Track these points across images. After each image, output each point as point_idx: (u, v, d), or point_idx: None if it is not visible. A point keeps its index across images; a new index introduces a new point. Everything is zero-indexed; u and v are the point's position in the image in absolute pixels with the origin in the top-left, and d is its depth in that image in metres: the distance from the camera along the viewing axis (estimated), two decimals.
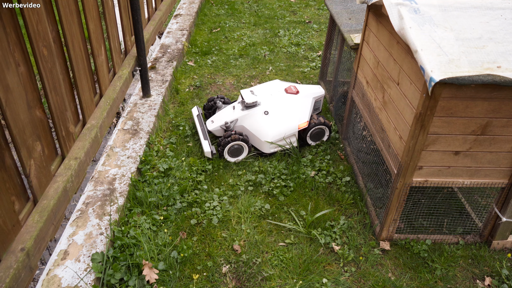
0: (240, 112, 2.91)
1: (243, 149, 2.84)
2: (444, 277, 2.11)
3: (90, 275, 1.95)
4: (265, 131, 2.82)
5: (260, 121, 2.86)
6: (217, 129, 2.94)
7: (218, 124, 2.93)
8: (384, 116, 2.23)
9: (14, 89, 1.65)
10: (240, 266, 2.13)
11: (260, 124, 2.85)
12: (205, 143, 2.83)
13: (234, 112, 2.94)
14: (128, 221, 2.31)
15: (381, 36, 2.28)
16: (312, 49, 4.64)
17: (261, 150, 2.90)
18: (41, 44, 1.86)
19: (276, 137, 2.83)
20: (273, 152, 2.91)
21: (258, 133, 2.84)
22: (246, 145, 2.83)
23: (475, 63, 1.68)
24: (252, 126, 2.87)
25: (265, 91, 3.06)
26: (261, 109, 2.89)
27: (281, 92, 3.05)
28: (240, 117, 2.90)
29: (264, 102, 2.94)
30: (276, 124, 2.84)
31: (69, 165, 2.14)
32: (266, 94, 3.02)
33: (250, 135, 2.89)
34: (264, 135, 2.82)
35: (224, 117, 2.94)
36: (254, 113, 2.89)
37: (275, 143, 2.85)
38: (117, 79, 2.94)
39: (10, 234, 1.66)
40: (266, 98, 2.97)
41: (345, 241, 2.29)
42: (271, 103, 2.93)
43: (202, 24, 5.28)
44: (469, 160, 1.97)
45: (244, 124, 2.90)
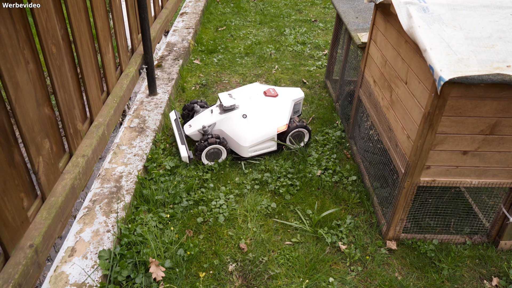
0: (218, 115, 2.85)
1: (221, 153, 2.79)
2: (451, 277, 2.10)
3: (97, 272, 1.96)
4: (243, 135, 2.77)
5: (239, 124, 2.81)
6: (195, 134, 2.87)
7: (196, 128, 2.85)
8: (392, 115, 2.22)
9: (23, 86, 1.66)
10: (247, 265, 2.14)
11: (239, 128, 2.80)
12: (182, 148, 2.76)
13: (212, 116, 2.87)
14: (134, 218, 2.32)
15: (389, 35, 2.28)
16: (318, 48, 4.64)
17: (239, 154, 2.83)
18: (50, 41, 1.87)
19: (254, 140, 2.77)
20: (252, 156, 2.85)
21: (236, 137, 2.78)
22: (224, 149, 2.77)
23: (485, 62, 1.67)
24: (230, 130, 2.81)
25: (244, 94, 3.01)
26: (239, 113, 2.84)
27: (260, 95, 3.00)
28: (218, 121, 2.84)
29: (242, 105, 2.89)
30: (255, 128, 2.79)
31: (77, 162, 2.14)
32: (244, 97, 2.97)
33: (229, 139, 2.82)
34: (242, 139, 2.76)
35: (202, 121, 2.88)
36: (232, 117, 2.83)
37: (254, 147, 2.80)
38: (124, 77, 2.95)
39: (19, 230, 1.67)
40: (244, 101, 2.92)
41: (351, 240, 2.29)
42: (250, 106, 2.88)
43: (208, 22, 5.28)
44: (477, 160, 1.96)
45: (222, 128, 2.84)
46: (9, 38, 1.55)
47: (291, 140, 2.93)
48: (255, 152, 2.84)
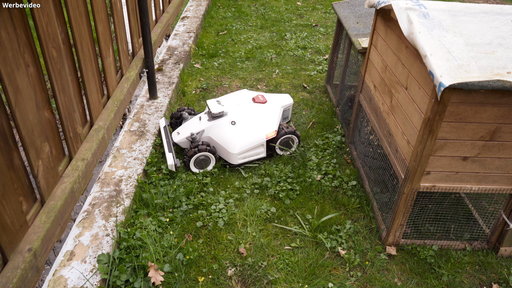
0: (206, 122, 2.83)
1: (210, 160, 2.77)
2: (450, 283, 2.09)
3: (96, 276, 1.95)
4: (232, 142, 2.75)
5: (227, 131, 2.79)
6: (183, 141, 2.84)
7: (184, 135, 2.83)
8: (392, 121, 2.22)
9: (23, 90, 1.66)
10: (246, 269, 2.13)
11: (227, 135, 2.78)
12: (169, 156, 2.72)
13: (201, 123, 2.85)
14: (134, 222, 2.31)
15: (390, 41, 2.28)
16: (318, 53, 4.64)
17: (229, 161, 2.81)
18: (51, 45, 1.87)
19: (243, 147, 2.75)
20: (240, 163, 2.82)
21: (225, 144, 2.76)
22: (213, 156, 2.76)
23: (485, 69, 1.67)
24: (219, 137, 2.79)
25: (232, 100, 2.99)
26: (228, 119, 2.82)
27: (248, 102, 2.99)
28: (207, 128, 2.82)
29: (231, 112, 2.87)
30: (244, 135, 2.77)
31: (77, 166, 2.14)
32: (233, 103, 2.95)
33: (217, 146, 2.80)
34: (231, 146, 2.74)
35: (191, 128, 2.85)
36: (220, 124, 2.81)
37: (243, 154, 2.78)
38: (124, 80, 2.95)
39: (17, 234, 1.66)
40: (233, 108, 2.90)
41: (351, 246, 2.28)
42: (238, 113, 2.87)
43: (209, 26, 5.30)
44: (477, 166, 1.96)
45: (210, 135, 2.82)
46: (9, 41, 1.55)
47: (280, 147, 2.92)
48: (244, 159, 2.81)
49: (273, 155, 2.95)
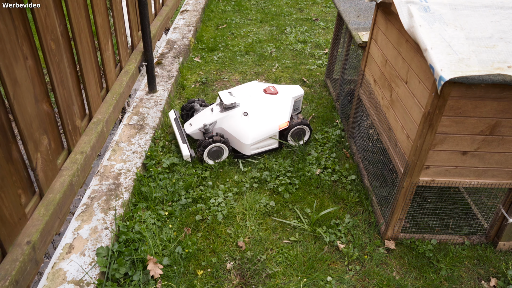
0: (218, 114, 2.85)
1: (223, 152, 2.79)
2: (449, 277, 2.10)
3: (95, 269, 1.95)
4: (245, 133, 2.76)
5: (240, 122, 2.80)
6: (196, 132, 2.86)
7: (197, 127, 2.85)
8: (392, 115, 2.22)
9: (22, 82, 1.65)
10: (245, 263, 2.13)
11: (240, 126, 2.79)
12: (183, 147, 2.75)
13: (213, 114, 2.87)
14: (133, 216, 2.31)
15: (390, 34, 2.27)
16: (318, 47, 4.63)
17: (241, 152, 2.83)
18: (49, 37, 1.86)
19: (256, 138, 2.77)
20: (253, 154, 2.85)
21: (238, 135, 2.77)
22: (227, 147, 2.77)
23: (485, 63, 1.66)
24: (231, 128, 2.81)
25: (244, 92, 3.00)
26: (240, 111, 2.83)
27: (260, 93, 3.00)
28: (219, 119, 2.83)
29: (243, 103, 2.88)
30: (256, 125, 2.79)
31: (75, 159, 2.14)
32: (244, 95, 2.96)
33: (230, 137, 2.82)
34: (244, 137, 2.75)
35: (203, 119, 2.87)
36: (233, 115, 2.83)
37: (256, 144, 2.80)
38: (123, 74, 2.94)
39: (16, 227, 1.66)
40: (245, 99, 2.91)
41: (350, 240, 2.28)
42: (250, 104, 2.88)
43: (208, 20, 5.27)
44: (476, 160, 1.95)
45: (223, 126, 2.83)
46: (7, 33, 1.54)
47: (292, 137, 2.93)
48: (256, 150, 2.84)
49: (282, 146, 2.97)
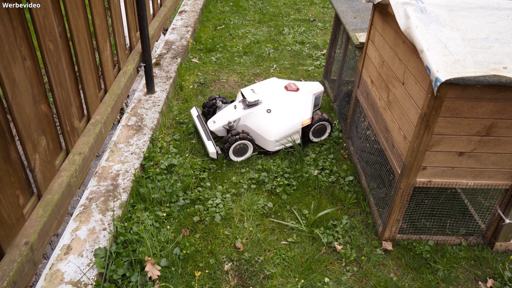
0: (242, 111, 2.90)
1: (247, 148, 2.84)
2: (446, 278, 2.10)
3: (92, 270, 1.96)
4: (269, 129, 2.82)
5: (263, 119, 2.86)
6: (220, 129, 2.93)
7: (221, 124, 2.91)
8: (389, 116, 2.23)
9: (20, 83, 1.66)
10: (242, 264, 2.14)
11: (264, 123, 2.85)
12: (209, 144, 2.81)
13: (236, 111, 2.92)
14: (131, 217, 2.31)
15: (387, 35, 2.28)
16: (316, 48, 4.64)
17: (265, 148, 2.90)
18: (48, 38, 1.87)
19: (280, 135, 2.82)
20: (277, 150, 2.90)
21: (262, 131, 2.83)
22: (251, 144, 2.83)
23: (481, 64, 1.67)
24: (255, 124, 2.87)
25: (265, 89, 3.05)
26: (263, 108, 2.89)
27: (281, 90, 3.04)
28: (243, 116, 2.89)
29: (265, 100, 2.94)
30: (280, 122, 2.84)
31: (74, 160, 2.14)
32: (266, 92, 3.01)
33: (254, 134, 2.88)
34: (268, 134, 2.81)
35: (227, 116, 2.93)
36: (256, 112, 2.88)
37: (280, 141, 2.85)
38: (121, 74, 2.94)
39: (14, 228, 1.66)
40: (267, 96, 2.97)
41: (347, 241, 2.29)
42: (273, 101, 2.93)
43: (206, 21, 5.28)
44: (473, 161, 1.96)
45: (246, 123, 2.89)
46: (6, 34, 1.54)
47: (313, 134, 3.00)
48: (280, 146, 2.88)
49: (306, 142, 3.03)
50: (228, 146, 2.75)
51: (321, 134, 3.04)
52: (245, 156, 2.85)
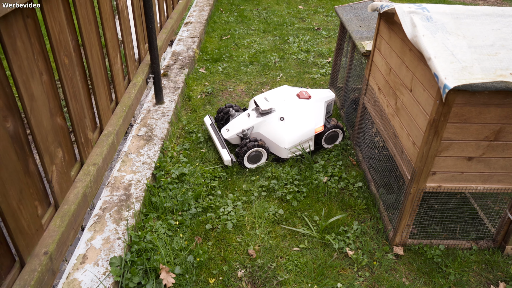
0: (255, 119, 2.95)
1: (261, 156, 2.88)
2: (458, 282, 2.12)
3: (108, 278, 1.99)
4: (282, 137, 2.86)
5: (277, 127, 2.90)
6: (234, 137, 2.99)
7: (235, 132, 2.97)
8: (397, 122, 2.26)
9: (38, 97, 1.70)
10: (256, 271, 2.16)
11: (277, 130, 2.89)
12: (224, 152, 2.86)
13: (250, 119, 2.97)
14: (144, 226, 2.35)
15: (393, 43, 2.32)
16: (321, 56, 4.68)
17: (279, 155, 2.94)
18: (63, 53, 1.92)
19: (293, 142, 2.87)
20: (290, 157, 2.95)
21: (275, 139, 2.88)
22: (266, 152, 2.87)
23: (488, 70, 1.71)
24: (268, 132, 2.91)
25: (278, 97, 3.10)
26: (277, 115, 2.93)
27: (293, 98, 3.09)
28: (256, 124, 2.94)
29: (278, 108, 2.98)
30: (293, 130, 2.88)
31: (88, 171, 2.18)
32: (279, 100, 3.06)
33: (267, 141, 2.93)
34: (282, 141, 2.86)
35: (240, 124, 2.98)
36: (269, 120, 2.93)
37: (293, 148, 2.89)
38: (132, 86, 3.00)
39: (34, 238, 1.70)
40: (279, 104, 3.01)
41: (358, 246, 2.31)
42: (286, 109, 2.97)
43: (212, 31, 5.34)
44: (482, 166, 1.99)
45: (260, 131, 2.94)
46: (24, 50, 1.59)
47: (326, 141, 3.05)
48: (293, 153, 2.93)
49: (319, 149, 3.08)
50: (245, 151, 2.79)
51: (333, 141, 3.09)
52: (258, 164, 2.89)
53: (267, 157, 2.91)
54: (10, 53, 1.49)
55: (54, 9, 1.82)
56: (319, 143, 3.04)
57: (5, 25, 1.46)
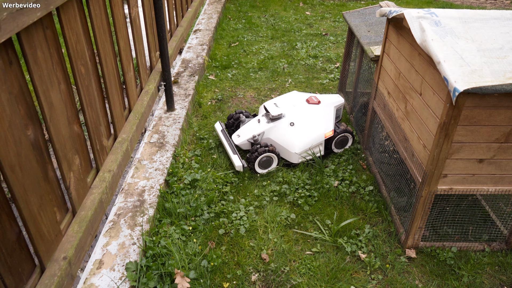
0: (266, 125, 2.99)
1: (272, 161, 2.91)
2: (471, 284, 2.13)
3: (125, 283, 2.02)
4: (292, 142, 2.89)
5: (287, 132, 2.93)
6: (244, 143, 3.02)
7: (245, 137, 3.00)
8: (407, 126, 2.28)
9: (56, 106, 1.75)
10: (269, 275, 2.19)
11: (287, 136, 2.92)
12: (235, 158, 2.90)
13: (260, 125, 3.01)
14: (158, 231, 2.38)
15: (402, 48, 2.34)
16: (330, 61, 4.71)
17: (289, 160, 2.98)
18: (80, 62, 1.97)
19: (304, 147, 2.90)
20: (301, 161, 2.98)
21: (286, 144, 2.91)
22: (277, 157, 2.90)
23: (498, 73, 1.73)
24: (279, 138, 2.95)
25: (287, 102, 3.13)
26: (287, 121, 2.96)
27: (303, 103, 3.12)
28: (267, 130, 2.97)
29: (288, 113, 3.02)
30: (303, 135, 2.91)
31: (104, 177, 2.23)
32: (289, 105, 3.09)
33: (278, 147, 2.97)
34: (292, 146, 2.89)
35: (251, 130, 3.02)
36: (280, 125, 2.96)
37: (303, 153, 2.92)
38: (144, 94, 3.05)
39: (53, 243, 1.74)
40: (289, 110, 3.05)
41: (371, 249, 2.33)
42: (295, 115, 3.01)
43: (220, 38, 5.40)
44: (493, 168, 2.00)
45: (270, 137, 2.97)
46: (44, 61, 1.64)
47: (336, 145, 3.08)
48: (303, 158, 2.97)
49: (329, 153, 3.11)
50: (256, 156, 2.82)
51: (343, 145, 3.12)
52: (269, 169, 2.92)
53: (278, 162, 2.94)
54: (31, 63, 1.54)
55: (71, 20, 1.87)
56: (329, 147, 3.06)
57: (26, 36, 1.51)
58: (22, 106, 1.52)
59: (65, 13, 1.81)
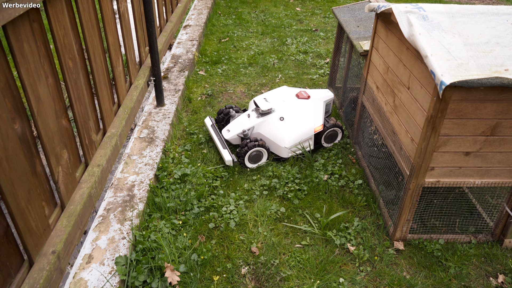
0: (255, 119, 3.00)
1: (262, 155, 2.92)
2: (458, 275, 2.16)
3: (114, 277, 2.02)
4: (282, 137, 2.91)
5: (277, 127, 2.95)
6: (234, 138, 3.03)
7: (235, 132, 3.01)
8: (395, 120, 2.30)
9: (44, 99, 1.74)
10: (259, 267, 2.20)
11: (277, 130, 2.93)
12: (225, 152, 2.90)
13: (250, 120, 3.02)
14: (148, 225, 2.38)
15: (390, 43, 2.36)
16: (320, 57, 4.73)
17: (279, 155, 2.99)
18: (67, 56, 1.96)
19: (294, 141, 2.91)
20: (291, 156, 2.99)
21: (276, 139, 2.92)
22: (266, 152, 2.92)
23: (484, 67, 1.75)
24: (269, 132, 2.96)
25: (277, 97, 3.14)
26: (276, 116, 2.97)
27: (293, 98, 3.13)
28: (256, 125, 2.98)
29: (278, 108, 3.02)
30: (293, 129, 2.93)
31: (93, 172, 2.22)
32: (278, 100, 3.10)
33: (268, 141, 2.98)
34: (282, 141, 2.90)
35: (241, 125, 3.02)
36: (269, 120, 2.97)
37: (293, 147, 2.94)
38: (133, 89, 3.04)
39: (42, 237, 1.74)
40: (279, 105, 3.05)
41: (359, 242, 2.35)
42: (285, 109, 3.01)
43: (211, 34, 5.39)
44: (479, 161, 2.03)
45: (260, 131, 2.98)
46: (31, 54, 1.63)
47: (325, 140, 3.10)
48: (293, 152, 2.97)
49: (319, 148, 3.13)
50: (246, 151, 2.84)
51: (332, 140, 3.13)
52: (259, 163, 2.93)
53: (267, 156, 2.95)
54: (18, 56, 1.53)
55: (59, 13, 1.86)
56: (319, 142, 3.08)
57: (13, 29, 1.50)
58: (9, 100, 1.51)
59: (52, 6, 1.79)
